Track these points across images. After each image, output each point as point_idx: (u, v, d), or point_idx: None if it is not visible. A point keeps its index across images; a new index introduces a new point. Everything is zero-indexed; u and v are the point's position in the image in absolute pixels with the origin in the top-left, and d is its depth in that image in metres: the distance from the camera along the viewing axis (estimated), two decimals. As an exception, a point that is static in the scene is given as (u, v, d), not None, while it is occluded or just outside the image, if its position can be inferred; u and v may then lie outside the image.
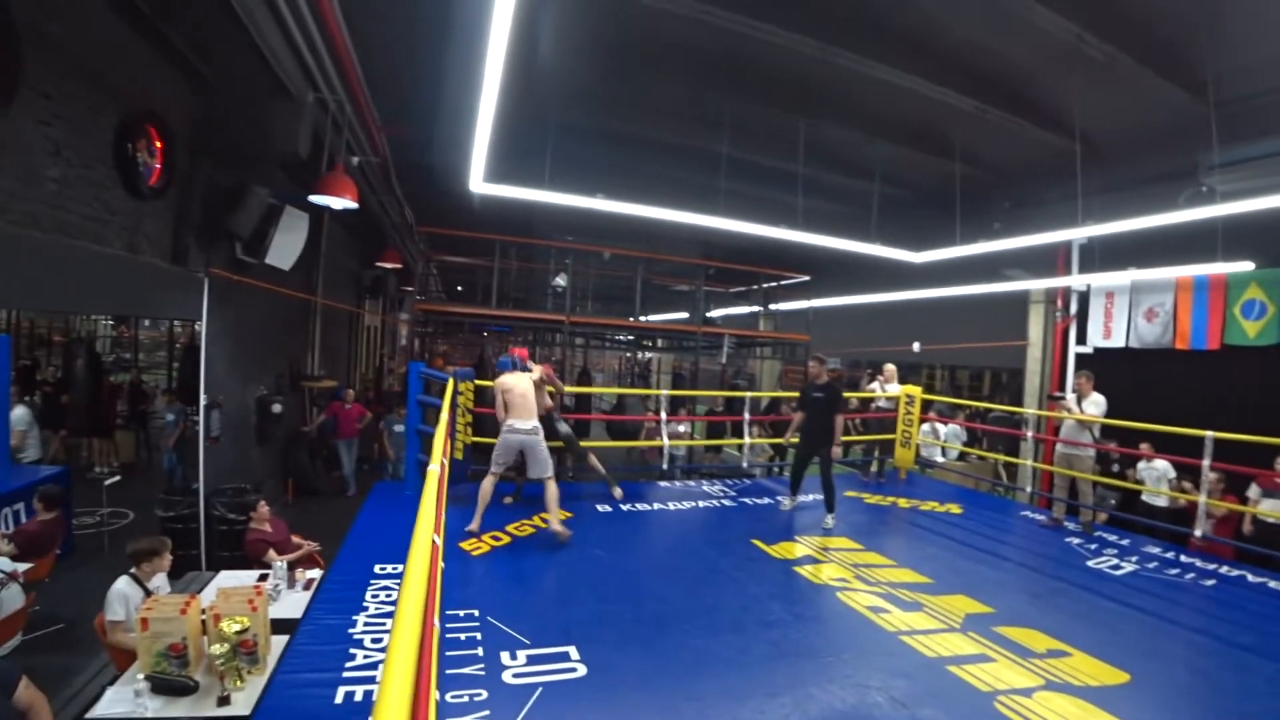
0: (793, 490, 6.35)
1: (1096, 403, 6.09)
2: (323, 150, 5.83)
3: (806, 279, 12.86)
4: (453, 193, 8.53)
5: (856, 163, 8.27)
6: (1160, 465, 6.80)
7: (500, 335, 15.59)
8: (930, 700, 3.03)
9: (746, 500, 6.58)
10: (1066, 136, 6.63)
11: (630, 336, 15.13)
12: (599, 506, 5.91)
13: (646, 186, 8.48)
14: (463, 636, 3.30)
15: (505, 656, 3.13)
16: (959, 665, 3.37)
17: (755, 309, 15.62)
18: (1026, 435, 7.01)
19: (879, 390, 7.92)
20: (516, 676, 2.98)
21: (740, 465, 8.33)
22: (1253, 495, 5.95)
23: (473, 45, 3.91)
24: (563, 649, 3.24)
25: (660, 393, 8.31)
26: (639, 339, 15.94)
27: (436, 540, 2.38)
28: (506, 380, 5.11)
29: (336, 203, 5.85)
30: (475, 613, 3.56)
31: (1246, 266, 6.78)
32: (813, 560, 4.90)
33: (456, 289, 20.52)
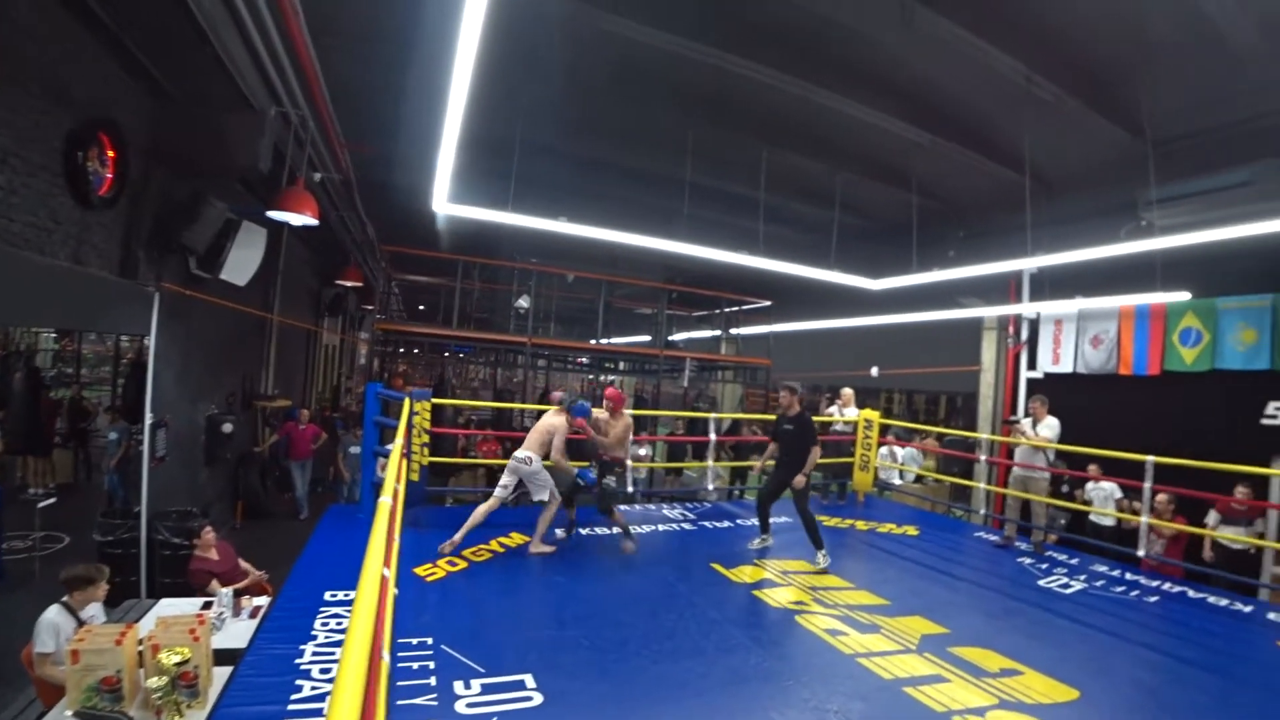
0: (762, 528, 5.87)
1: (1051, 426, 6.29)
2: (284, 165, 5.75)
3: (768, 304, 13.06)
4: (416, 211, 8.48)
5: (818, 191, 8.47)
6: (1107, 486, 7.04)
7: (461, 356, 15.43)
8: (887, 723, 3.06)
9: (706, 524, 6.58)
10: (1017, 171, 6.92)
11: (592, 359, 15.11)
12: (557, 531, 5.83)
13: (611, 210, 8.55)
14: (415, 666, 3.20)
15: (459, 686, 3.04)
16: (915, 686, 3.40)
17: (717, 333, 15.76)
18: (980, 458, 7.18)
19: (837, 414, 8.05)
20: (470, 706, 2.90)
21: (700, 488, 8.34)
22: (1211, 521, 6.18)
23: (437, 65, 3.93)
24: (519, 677, 3.16)
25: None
26: (601, 361, 15.93)
27: (387, 573, 2.31)
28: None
29: (296, 219, 5.76)
30: (429, 641, 3.46)
31: (1184, 296, 7.17)
32: (772, 584, 4.91)
33: (418, 308, 20.31)
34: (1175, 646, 4.23)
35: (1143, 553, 5.90)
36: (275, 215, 5.79)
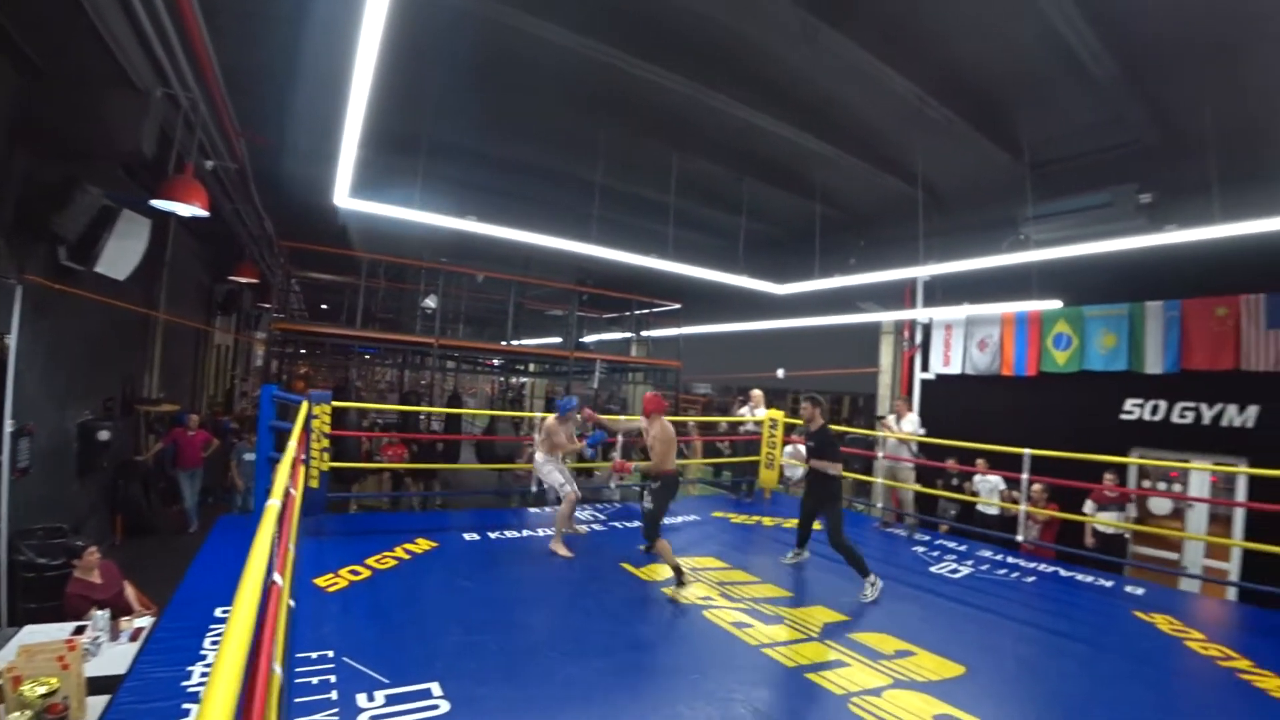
0: (798, 542, 5.83)
1: (912, 421, 7.37)
2: (171, 151, 5.36)
3: (678, 307, 13.26)
4: (318, 206, 8.09)
5: (726, 197, 8.69)
6: (993, 479, 7.63)
7: (366, 357, 14.81)
8: (790, 708, 3.21)
9: (616, 524, 6.64)
10: (912, 185, 7.39)
11: (502, 361, 14.89)
12: (466, 535, 5.73)
13: (522, 210, 8.47)
14: (314, 680, 3.06)
15: (361, 699, 2.94)
16: (816, 672, 3.57)
17: (628, 335, 15.89)
18: (879, 455, 7.65)
19: (749, 415, 8.30)
20: (374, 718, 2.81)
21: (606, 487, 8.44)
22: (1089, 509, 6.79)
23: (339, 52, 3.77)
24: (424, 685, 3.09)
25: (533, 415, 8.21)
26: (511, 363, 15.72)
27: (279, 580, 2.21)
28: None
29: (184, 209, 5.39)
30: (329, 654, 3.32)
31: (1056, 304, 7.97)
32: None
33: (321, 307, 19.38)
34: (1049, 621, 4.69)
35: (1021, 538, 6.48)
36: (160, 205, 5.39)
